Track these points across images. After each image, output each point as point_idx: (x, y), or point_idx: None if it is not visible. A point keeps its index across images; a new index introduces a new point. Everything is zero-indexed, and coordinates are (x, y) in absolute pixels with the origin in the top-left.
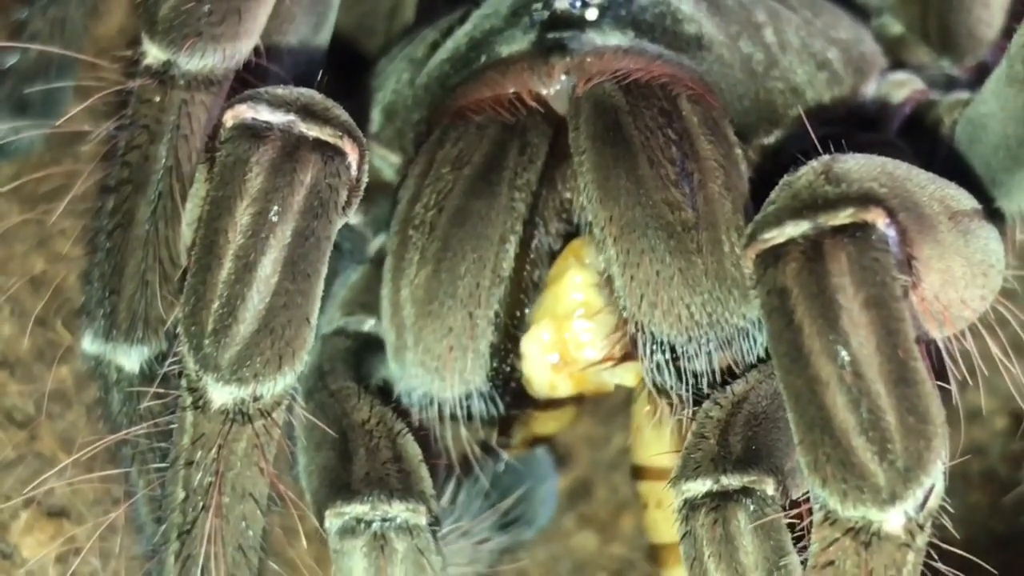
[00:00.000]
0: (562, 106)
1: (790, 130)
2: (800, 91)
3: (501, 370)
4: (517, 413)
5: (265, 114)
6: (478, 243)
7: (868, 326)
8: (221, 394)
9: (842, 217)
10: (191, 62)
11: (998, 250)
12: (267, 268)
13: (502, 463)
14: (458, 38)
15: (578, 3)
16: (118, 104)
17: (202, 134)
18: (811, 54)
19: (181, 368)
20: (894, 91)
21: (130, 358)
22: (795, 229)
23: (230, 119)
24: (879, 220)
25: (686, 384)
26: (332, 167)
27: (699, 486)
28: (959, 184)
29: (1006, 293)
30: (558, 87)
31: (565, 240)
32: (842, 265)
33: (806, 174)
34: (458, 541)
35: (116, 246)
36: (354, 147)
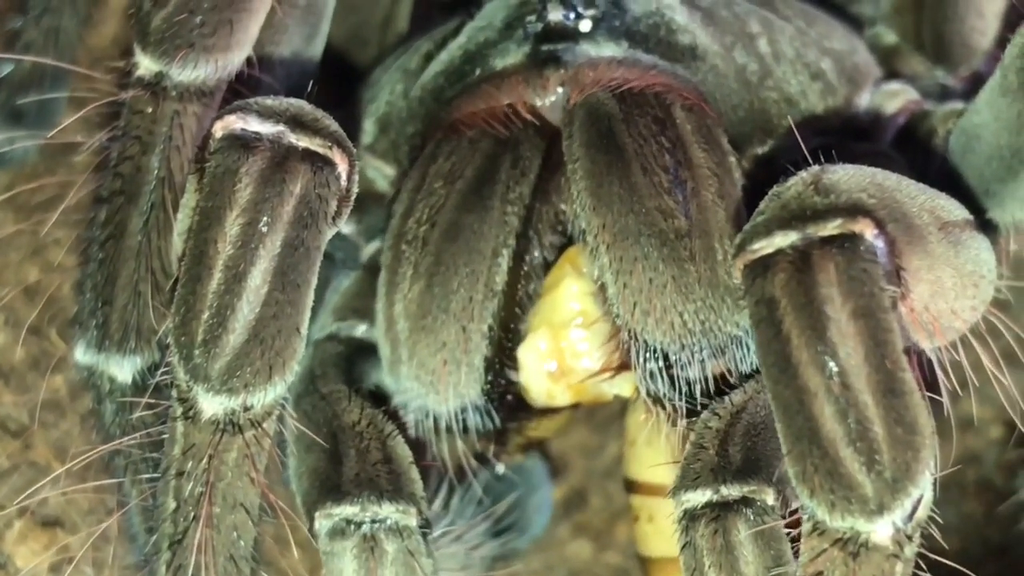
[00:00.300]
0: (557, 118)
1: (784, 140)
2: (794, 101)
3: (496, 383)
4: (515, 425)
5: (254, 125)
6: (471, 257)
7: (856, 337)
8: (211, 404)
9: (830, 228)
10: (183, 73)
11: (989, 260)
12: (257, 279)
13: (499, 468)
14: (452, 51)
15: (572, 15)
16: (111, 115)
17: (194, 145)
18: (805, 64)
19: (172, 379)
20: (888, 101)
21: (122, 368)
22: (784, 240)
23: (219, 130)
24: (867, 231)
25: (679, 392)
26: (321, 177)
27: (699, 496)
28: (952, 194)
29: (999, 304)
30: (553, 99)
31: (560, 251)
32: (830, 276)
33: (795, 185)
34: (450, 546)
35: (108, 257)
36: (344, 157)
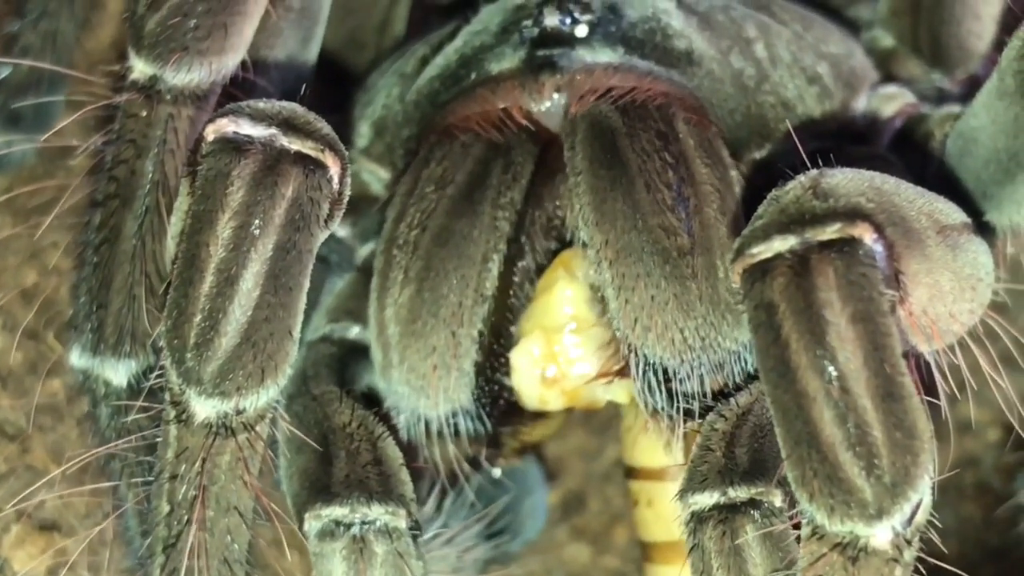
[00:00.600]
0: (552, 123)
1: (781, 144)
2: (791, 105)
3: (487, 388)
4: (507, 429)
5: (246, 128)
6: (461, 263)
7: (855, 341)
8: (204, 408)
9: (829, 232)
10: (177, 77)
11: (987, 264)
12: (249, 282)
13: (495, 471)
14: (448, 55)
15: (568, 20)
16: (107, 118)
17: (188, 148)
18: (801, 68)
19: (164, 382)
20: (885, 105)
21: (117, 372)
22: (783, 244)
23: (211, 133)
24: (866, 235)
25: (677, 407)
26: (313, 180)
27: (706, 499)
28: (950, 197)
29: (997, 307)
30: (548, 104)
31: (552, 256)
32: (829, 280)
33: (794, 189)
34: (442, 548)
35: (103, 260)
36: (336, 160)
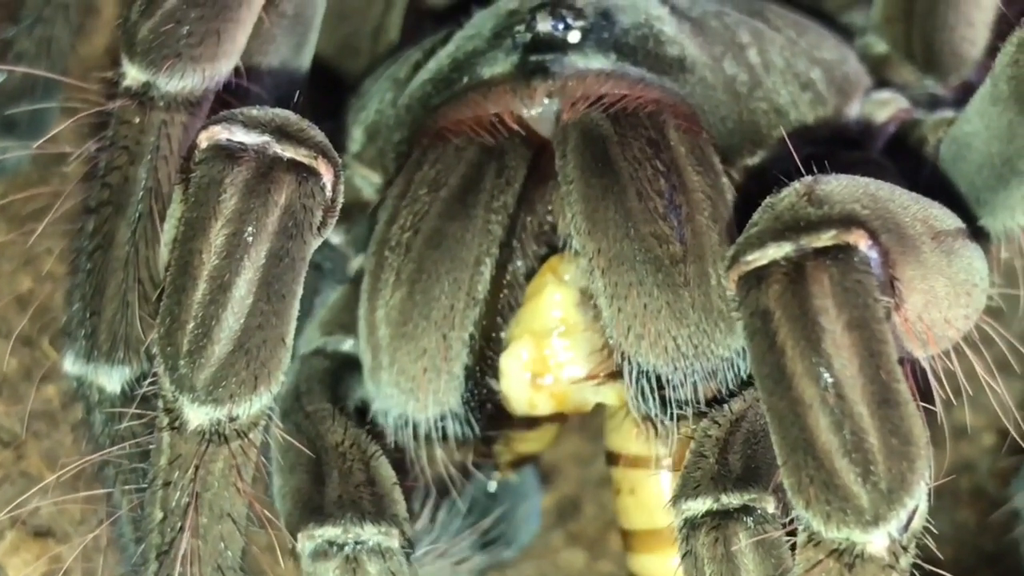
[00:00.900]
0: (544, 129)
1: (774, 151)
2: (784, 112)
3: (476, 392)
4: (496, 435)
5: (240, 135)
6: (453, 265)
7: (851, 348)
8: (197, 415)
9: (824, 239)
10: (170, 83)
11: (982, 269)
12: (242, 289)
13: (491, 485)
14: (440, 59)
15: (560, 26)
16: (102, 124)
17: (181, 155)
18: (795, 74)
19: (157, 389)
20: (878, 110)
21: (111, 379)
22: (777, 251)
23: (204, 140)
24: (861, 242)
25: (670, 413)
26: (307, 188)
27: (699, 505)
28: (943, 203)
29: (992, 312)
30: (540, 110)
31: (543, 262)
32: (824, 287)
33: (788, 196)
34: (436, 562)
35: (96, 267)
36: (329, 168)
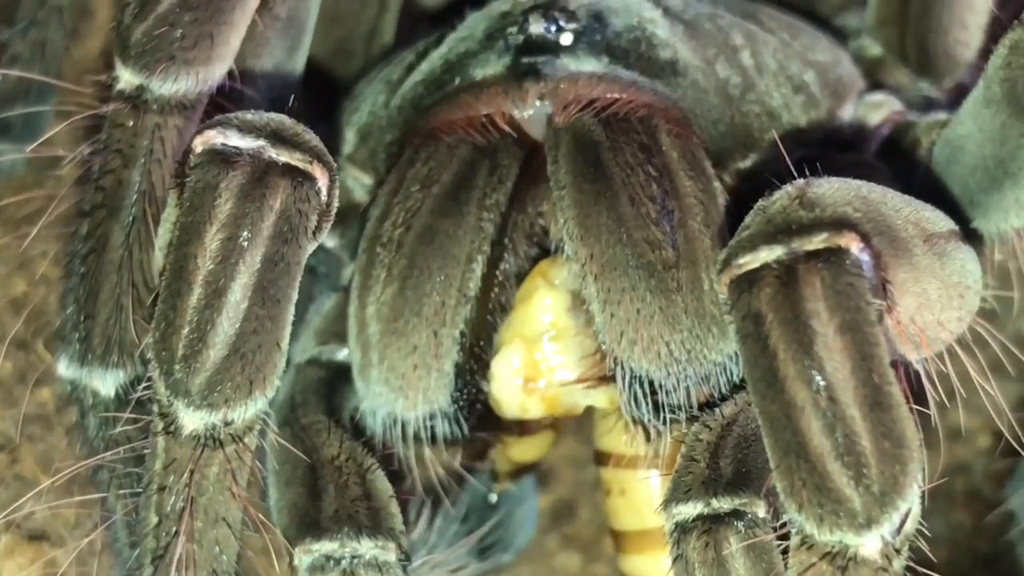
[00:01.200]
0: (536, 130)
1: (766, 153)
2: (776, 114)
3: (466, 391)
4: (485, 436)
5: (235, 139)
6: (445, 262)
7: (843, 351)
8: (192, 419)
9: (816, 242)
10: (164, 86)
11: (975, 271)
12: (237, 293)
13: (491, 497)
14: (433, 60)
15: (553, 28)
16: (97, 128)
17: (175, 159)
18: (788, 77)
19: (152, 393)
20: (872, 113)
21: (105, 383)
22: (769, 254)
23: (199, 144)
24: (853, 245)
25: (663, 418)
26: (302, 192)
27: (690, 509)
28: (937, 205)
29: (985, 314)
30: (531, 112)
31: (534, 262)
32: (816, 290)
33: (780, 199)
34: (433, 571)
35: (90, 271)
36: (324, 172)
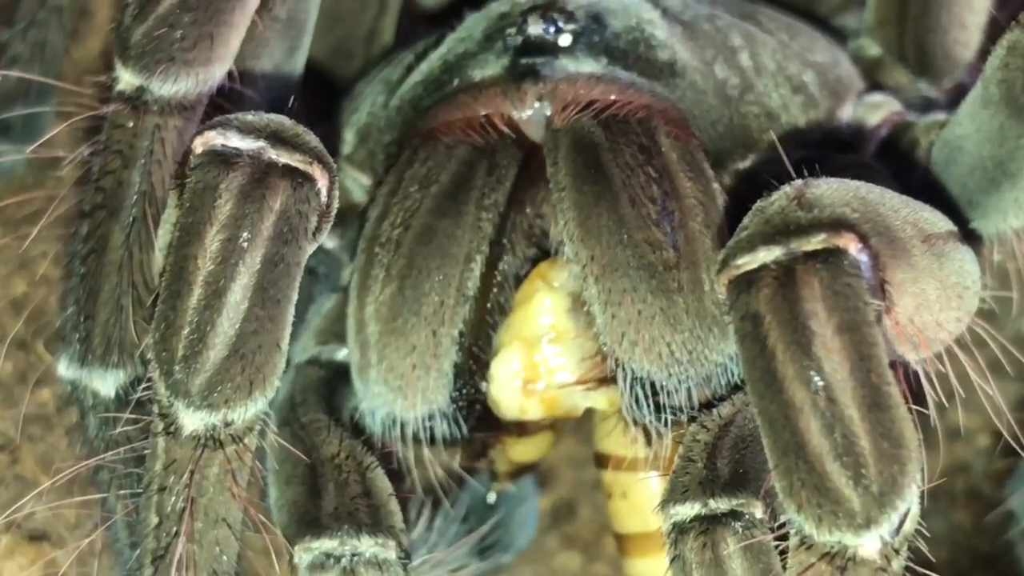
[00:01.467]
0: (534, 131)
1: (765, 154)
2: (775, 115)
3: (465, 391)
4: (483, 437)
5: (235, 140)
6: (443, 262)
7: (841, 351)
8: (192, 420)
9: (814, 243)
10: (164, 87)
11: (974, 271)
12: (237, 294)
13: (491, 497)
14: (432, 61)
15: (551, 29)
16: (97, 129)
17: (175, 159)
18: (787, 77)
19: (152, 394)
20: (870, 113)
21: (105, 383)
22: (768, 255)
23: (200, 145)
24: (851, 245)
25: (664, 419)
26: (302, 193)
27: (687, 510)
28: (936, 205)
29: (984, 314)
30: (530, 113)
31: (533, 264)
32: (815, 291)
33: (778, 199)
34: (433, 571)
35: (91, 271)
36: (324, 173)
